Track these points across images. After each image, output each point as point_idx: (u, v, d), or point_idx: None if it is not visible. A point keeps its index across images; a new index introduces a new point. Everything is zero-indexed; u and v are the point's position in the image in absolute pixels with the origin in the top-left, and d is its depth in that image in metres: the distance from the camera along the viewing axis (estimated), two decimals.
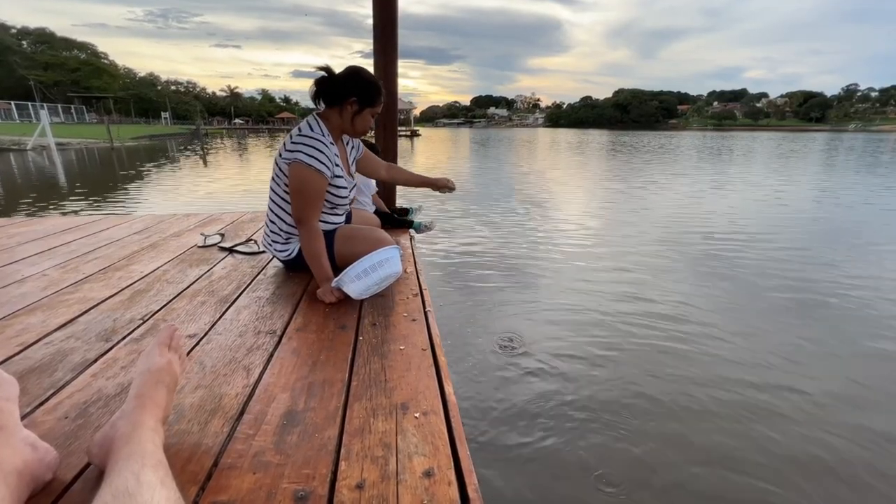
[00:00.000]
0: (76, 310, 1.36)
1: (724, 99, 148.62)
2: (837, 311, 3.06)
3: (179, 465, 0.72)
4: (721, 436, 1.81)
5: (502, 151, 22.17)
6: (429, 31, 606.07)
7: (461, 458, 0.74)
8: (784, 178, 10.99)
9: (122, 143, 23.42)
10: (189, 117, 59.44)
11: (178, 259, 1.92)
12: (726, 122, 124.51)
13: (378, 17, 2.64)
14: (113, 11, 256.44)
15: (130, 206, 6.99)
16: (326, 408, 0.88)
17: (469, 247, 4.57)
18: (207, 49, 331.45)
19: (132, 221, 2.71)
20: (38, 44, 52.89)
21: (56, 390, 0.94)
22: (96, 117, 43.57)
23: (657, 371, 2.27)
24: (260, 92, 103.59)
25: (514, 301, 3.18)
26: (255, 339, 1.18)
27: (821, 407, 2.00)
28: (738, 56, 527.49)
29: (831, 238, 5.13)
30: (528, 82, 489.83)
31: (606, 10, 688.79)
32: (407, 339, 1.18)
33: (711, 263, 4.08)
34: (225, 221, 2.69)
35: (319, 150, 1.47)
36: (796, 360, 2.38)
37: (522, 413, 1.94)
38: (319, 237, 1.50)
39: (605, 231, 5.41)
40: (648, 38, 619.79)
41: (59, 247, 2.12)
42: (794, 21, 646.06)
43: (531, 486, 1.55)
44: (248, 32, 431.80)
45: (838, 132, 73.08)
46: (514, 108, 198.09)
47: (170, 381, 0.76)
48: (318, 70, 1.52)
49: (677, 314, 2.95)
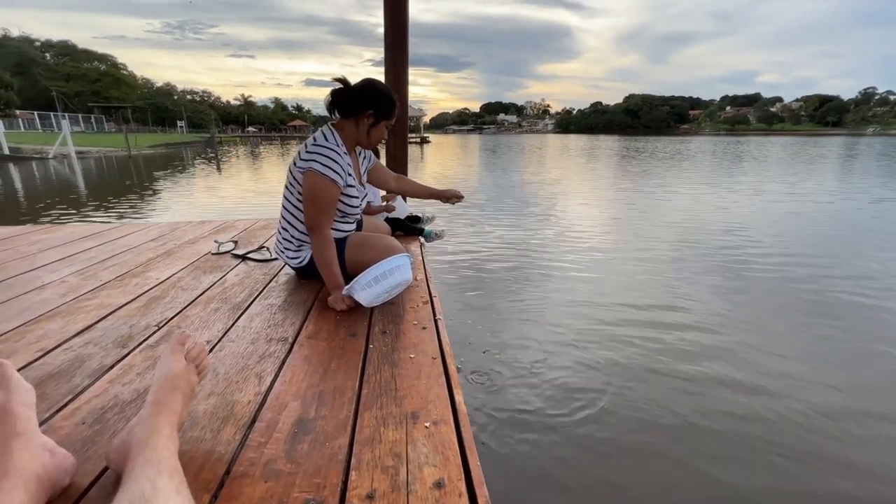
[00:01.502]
0: (94, 316, 1.39)
1: (736, 103, 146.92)
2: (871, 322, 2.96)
3: (193, 472, 0.72)
4: (742, 468, 1.72)
5: (512, 158, 22.17)
6: (439, 38, 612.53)
7: (472, 469, 0.74)
8: (831, 184, 10.29)
9: (140, 151, 23.99)
10: (204, 126, 60.73)
11: (193, 266, 1.95)
12: (739, 127, 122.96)
13: (389, 25, 2.68)
14: (132, 24, 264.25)
15: (147, 213, 7.13)
16: (337, 416, 0.88)
17: (480, 255, 4.56)
18: (222, 59, 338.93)
19: (148, 229, 2.76)
20: (60, 56, 54.67)
21: (74, 396, 0.95)
22: (115, 126, 44.73)
23: (680, 386, 2.20)
24: (273, 100, 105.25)
25: (527, 309, 3.16)
26: (267, 346, 1.19)
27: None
28: (750, 60, 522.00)
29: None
30: (537, 88, 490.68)
31: (616, 15, 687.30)
32: (417, 348, 1.18)
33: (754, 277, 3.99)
34: (238, 229, 2.73)
35: (333, 160, 1.50)
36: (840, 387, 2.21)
37: (534, 424, 1.91)
38: (331, 245, 1.51)
39: (621, 239, 5.36)
40: (659, 43, 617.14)
41: (79, 254, 2.17)
42: (807, 24, 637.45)
43: (543, 502, 1.53)
44: (262, 42, 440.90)
45: (856, 136, 71.63)
46: (524, 115, 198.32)
47: (186, 387, 0.77)
48: (333, 81, 1.54)
49: (701, 324, 2.89)
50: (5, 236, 2.55)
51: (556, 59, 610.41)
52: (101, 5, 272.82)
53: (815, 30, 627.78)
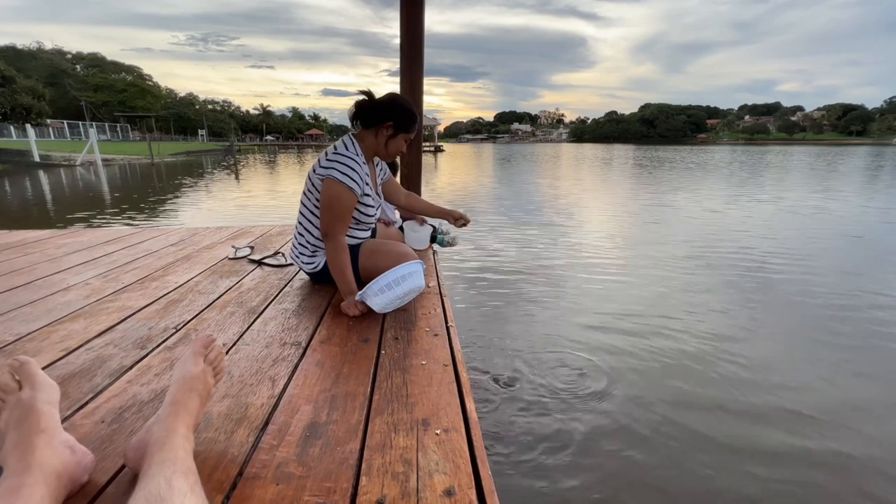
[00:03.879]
0: (115, 318, 1.43)
1: (755, 112, 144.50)
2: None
3: (206, 472, 0.73)
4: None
5: (526, 167, 22.13)
6: (454, 49, 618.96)
7: (482, 477, 0.73)
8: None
9: (162, 158, 24.71)
10: (224, 134, 62.35)
11: (210, 270, 1.99)
12: (759, 136, 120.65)
13: (404, 37, 2.73)
14: (159, 36, 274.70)
15: (167, 218, 7.32)
16: (348, 421, 0.88)
17: (493, 263, 4.55)
18: (242, 70, 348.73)
19: (168, 233, 2.83)
20: (90, 67, 56.91)
21: (94, 395, 0.98)
22: (139, 135, 46.28)
23: (705, 405, 2.11)
24: (290, 110, 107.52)
25: (541, 318, 3.13)
26: (281, 350, 1.21)
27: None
28: (770, 68, 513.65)
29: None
30: (551, 98, 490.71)
31: (631, 25, 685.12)
32: (429, 354, 1.18)
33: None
34: (255, 234, 2.78)
35: (352, 169, 1.53)
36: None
37: (546, 435, 1.89)
38: (345, 251, 1.53)
39: (638, 250, 5.29)
40: (675, 53, 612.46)
41: (102, 257, 2.24)
42: (829, 32, 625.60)
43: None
44: (281, 53, 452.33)
45: (882, 146, 69.47)
46: (538, 124, 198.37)
47: (203, 389, 0.78)
48: (358, 93, 1.58)
49: (722, 334, 2.83)
50: (34, 240, 2.65)
51: (571, 68, 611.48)
52: (131, 19, 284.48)
53: (837, 38, 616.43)
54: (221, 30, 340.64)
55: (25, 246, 2.48)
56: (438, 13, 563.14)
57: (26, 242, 2.57)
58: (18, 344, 1.24)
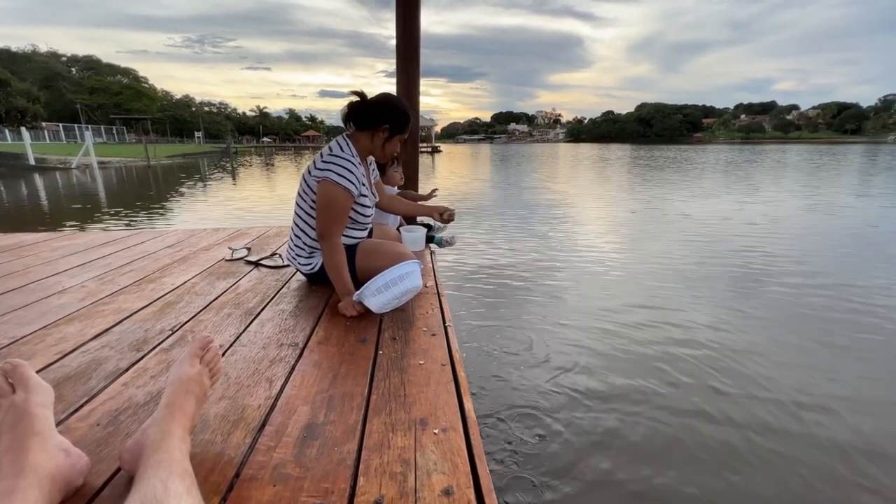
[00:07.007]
0: (111, 320, 1.42)
1: (751, 111, 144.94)
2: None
3: (203, 474, 0.73)
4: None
5: (524, 167, 22.15)
6: (451, 50, 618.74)
7: (481, 477, 0.73)
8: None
9: (158, 161, 24.62)
10: (220, 136, 62.15)
11: (207, 272, 1.98)
12: (754, 135, 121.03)
13: (401, 38, 2.72)
14: (154, 38, 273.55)
15: (164, 220, 7.29)
16: (346, 421, 0.88)
17: (490, 262, 4.55)
18: (239, 71, 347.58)
19: (165, 235, 2.82)
20: (85, 70, 56.73)
21: (90, 398, 0.97)
22: (135, 137, 46.11)
23: (700, 404, 2.11)
24: (287, 111, 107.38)
25: (539, 317, 3.13)
26: (278, 351, 1.20)
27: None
28: (766, 68, 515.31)
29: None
30: (548, 98, 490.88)
31: (628, 25, 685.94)
32: (427, 354, 1.17)
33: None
34: (251, 236, 2.77)
35: (349, 170, 1.53)
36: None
37: (545, 435, 1.89)
38: (341, 252, 1.53)
39: (635, 251, 5.30)
40: (671, 52, 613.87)
41: (98, 260, 2.22)
42: (824, 31, 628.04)
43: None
44: (278, 55, 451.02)
45: (877, 144, 69.75)
46: (535, 124, 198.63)
47: (199, 391, 0.78)
48: (350, 94, 1.58)
49: (722, 333, 2.83)
50: (29, 242, 2.63)
51: (568, 68, 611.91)
52: (126, 21, 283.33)
53: (833, 37, 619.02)
54: (217, 31, 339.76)
55: (21, 249, 2.46)
56: (435, 14, 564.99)
57: (22, 245, 2.55)
58: (13, 347, 1.23)
